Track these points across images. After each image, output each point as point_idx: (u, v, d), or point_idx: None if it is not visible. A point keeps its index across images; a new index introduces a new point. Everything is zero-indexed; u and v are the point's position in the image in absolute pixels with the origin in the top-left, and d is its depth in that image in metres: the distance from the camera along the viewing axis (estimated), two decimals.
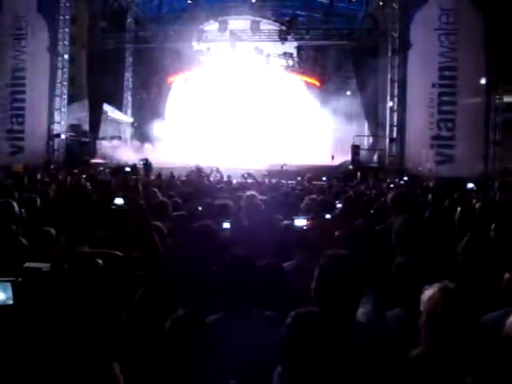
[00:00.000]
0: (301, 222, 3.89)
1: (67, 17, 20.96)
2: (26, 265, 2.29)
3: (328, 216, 4.86)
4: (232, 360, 2.22)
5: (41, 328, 2.04)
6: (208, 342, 2.13)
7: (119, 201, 4.20)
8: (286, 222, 4.90)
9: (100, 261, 2.50)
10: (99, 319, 2.02)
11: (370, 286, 2.57)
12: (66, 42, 20.96)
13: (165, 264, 3.06)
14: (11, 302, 2.21)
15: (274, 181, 11.24)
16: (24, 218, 4.81)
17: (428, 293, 2.11)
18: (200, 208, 5.66)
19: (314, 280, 2.33)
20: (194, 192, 7.28)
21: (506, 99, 19.46)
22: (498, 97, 18.37)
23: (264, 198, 5.97)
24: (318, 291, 2.30)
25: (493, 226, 3.79)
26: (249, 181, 11.09)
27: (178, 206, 5.71)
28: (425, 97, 17.95)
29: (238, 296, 2.63)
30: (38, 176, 9.97)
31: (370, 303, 2.55)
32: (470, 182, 10.50)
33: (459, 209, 4.60)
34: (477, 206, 5.04)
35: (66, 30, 20.93)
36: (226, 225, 4.50)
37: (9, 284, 2.22)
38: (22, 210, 4.81)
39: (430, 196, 6.94)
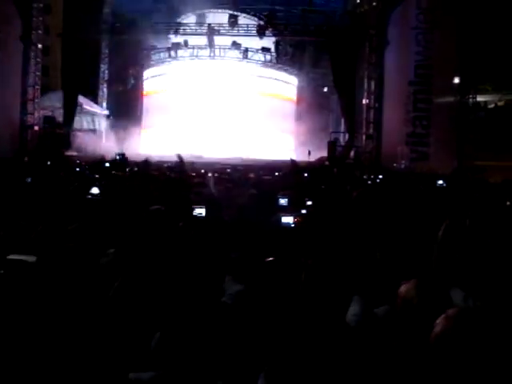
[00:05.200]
0: (288, 219, 3.86)
1: (41, 5, 20.44)
2: (10, 256, 2.10)
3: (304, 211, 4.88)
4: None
5: (21, 327, 1.88)
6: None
7: (95, 190, 4.10)
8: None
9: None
10: (85, 315, 1.91)
11: (359, 287, 2.57)
12: (39, 32, 20.43)
13: (144, 258, 3.02)
14: None
15: (251, 175, 11.21)
16: None
17: (404, 289, 2.13)
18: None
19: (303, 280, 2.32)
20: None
21: (479, 98, 19.86)
22: (471, 96, 18.71)
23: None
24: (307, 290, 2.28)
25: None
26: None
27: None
28: (401, 94, 18.16)
29: None
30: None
31: (359, 304, 2.54)
32: (440, 179, 10.82)
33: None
34: None
35: (40, 18, 20.40)
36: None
37: None
38: None
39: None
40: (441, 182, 10.34)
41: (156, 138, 25.48)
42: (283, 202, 4.53)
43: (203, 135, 25.23)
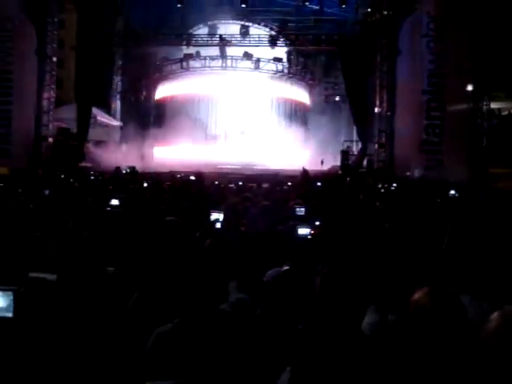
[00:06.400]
0: (304, 230, 3.83)
1: (56, 19, 20.81)
2: (31, 274, 2.12)
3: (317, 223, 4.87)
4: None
5: (41, 347, 1.88)
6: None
7: (115, 202, 4.12)
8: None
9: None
10: (104, 336, 1.91)
11: (375, 297, 2.55)
12: (54, 45, 20.78)
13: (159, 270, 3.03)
14: (10, 314, 1.95)
15: (265, 185, 11.23)
16: None
17: (417, 296, 2.12)
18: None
19: (317, 288, 2.31)
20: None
21: (493, 105, 19.71)
22: (485, 103, 18.58)
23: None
24: (321, 301, 2.27)
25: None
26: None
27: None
28: (413, 103, 18.07)
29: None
30: None
31: (375, 314, 2.53)
32: (453, 189, 10.78)
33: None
34: None
35: (55, 32, 20.77)
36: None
37: (11, 293, 1.95)
38: None
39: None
40: (453, 192, 10.27)
41: (169, 149, 25.63)
42: (300, 212, 4.51)
43: (216, 145, 25.36)
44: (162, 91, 27.91)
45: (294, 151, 25.44)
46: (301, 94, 27.77)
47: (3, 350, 1.94)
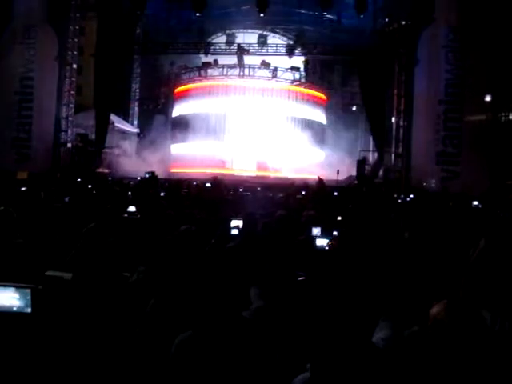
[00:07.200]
0: (322, 241, 3.81)
1: (77, 27, 21.18)
2: (48, 273, 2.22)
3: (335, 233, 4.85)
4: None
5: (57, 340, 1.97)
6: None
7: (132, 209, 4.17)
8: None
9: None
10: (116, 333, 1.96)
11: (387, 309, 2.53)
12: (74, 52, 21.15)
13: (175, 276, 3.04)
14: (29, 310, 2.10)
15: (280, 194, 11.21)
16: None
17: (435, 310, 2.09)
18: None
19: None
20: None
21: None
22: (503, 114, 18.38)
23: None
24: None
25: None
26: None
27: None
28: (431, 113, 17.95)
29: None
30: None
31: (388, 327, 2.50)
32: (475, 199, 10.65)
33: None
34: None
35: (75, 39, 21.13)
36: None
37: (28, 291, 2.10)
38: None
39: None
40: (476, 202, 10.20)
41: (186, 156, 25.77)
42: (316, 231, 4.42)
43: (232, 153, 25.44)
44: (180, 99, 28.09)
45: (310, 160, 25.41)
46: (317, 104, 27.74)
47: (23, 342, 2.06)
